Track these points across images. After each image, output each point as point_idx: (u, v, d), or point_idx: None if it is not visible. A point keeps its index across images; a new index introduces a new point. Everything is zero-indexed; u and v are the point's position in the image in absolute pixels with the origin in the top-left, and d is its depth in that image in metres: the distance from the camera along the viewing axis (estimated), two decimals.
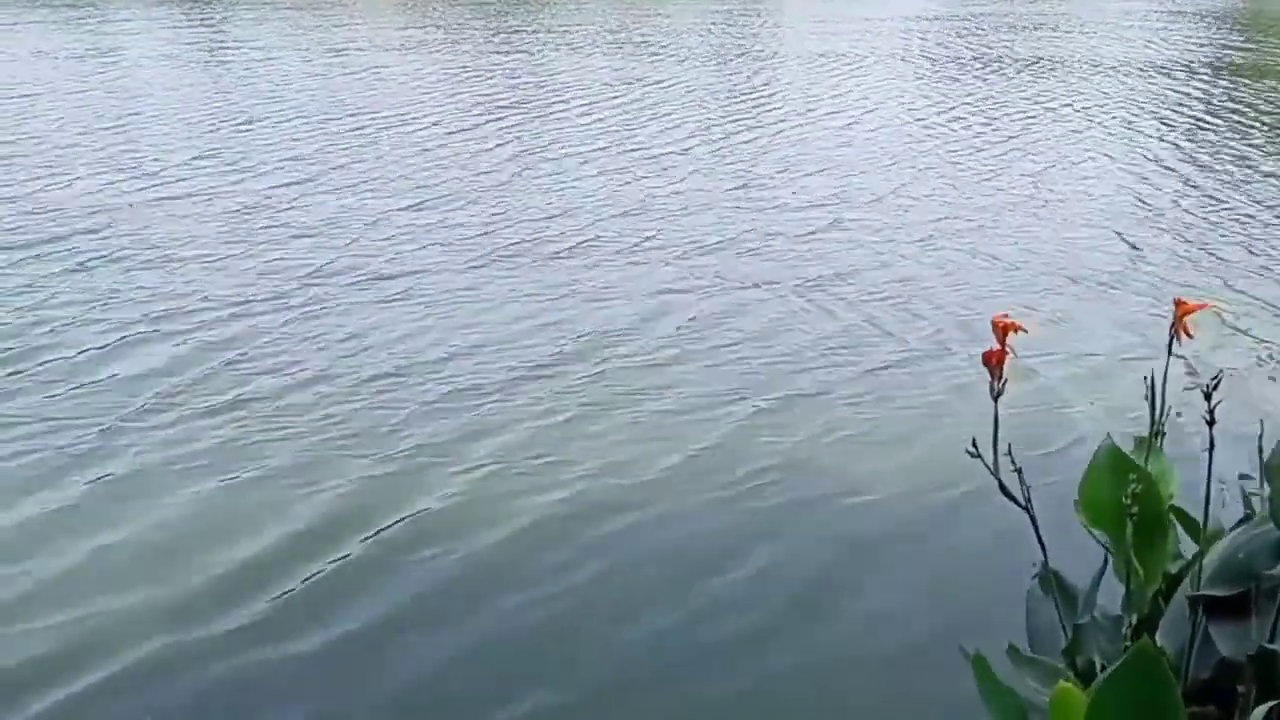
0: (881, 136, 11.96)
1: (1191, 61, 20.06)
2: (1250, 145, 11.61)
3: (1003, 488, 1.28)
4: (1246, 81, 17.16)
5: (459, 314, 5.99)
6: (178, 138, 11.48)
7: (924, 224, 7.98)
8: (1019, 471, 1.28)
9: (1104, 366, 5.20)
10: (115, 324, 5.76)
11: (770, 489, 4.00)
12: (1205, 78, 17.65)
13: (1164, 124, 13.11)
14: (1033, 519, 1.33)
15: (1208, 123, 13.19)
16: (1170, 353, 1.64)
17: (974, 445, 1.25)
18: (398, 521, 3.75)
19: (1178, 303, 1.62)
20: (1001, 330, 1.26)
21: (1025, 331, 1.28)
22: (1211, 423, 1.31)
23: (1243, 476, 1.77)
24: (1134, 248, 7.47)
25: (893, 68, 19.13)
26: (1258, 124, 13.02)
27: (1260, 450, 1.60)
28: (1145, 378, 1.73)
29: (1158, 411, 1.74)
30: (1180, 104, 14.67)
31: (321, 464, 4.16)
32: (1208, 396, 1.30)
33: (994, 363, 1.27)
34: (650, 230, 7.78)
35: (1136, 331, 5.60)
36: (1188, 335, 1.64)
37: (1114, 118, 13.47)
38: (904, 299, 6.26)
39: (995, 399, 1.27)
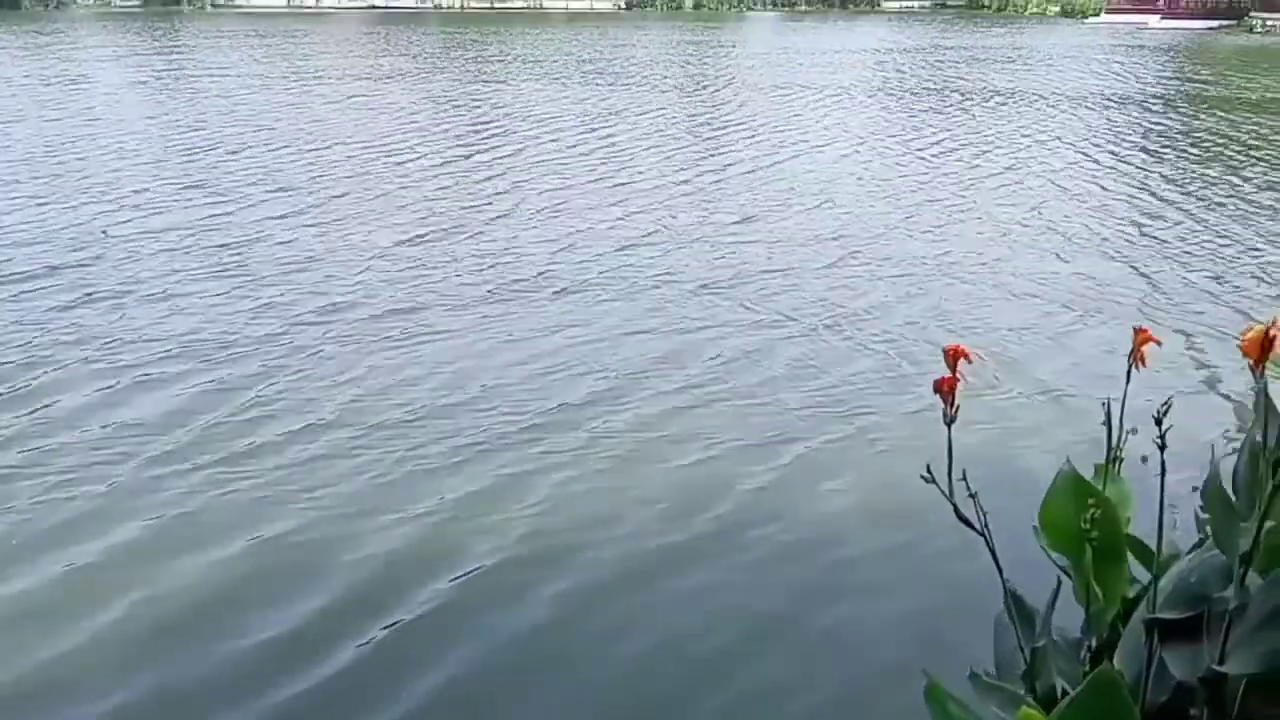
0: (875, 169, 12.00)
1: (1162, 94, 20.58)
2: (1223, 175, 11.83)
3: (958, 513, 1.30)
4: (1216, 112, 17.58)
5: (463, 356, 5.74)
6: (156, 167, 11.31)
7: (930, 258, 7.94)
8: (974, 496, 1.30)
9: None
10: (108, 368, 5.44)
11: (778, 538, 3.85)
12: (1178, 108, 18.13)
13: (1146, 154, 13.37)
14: (989, 543, 1.35)
15: (1182, 152, 13.49)
16: (1128, 379, 1.67)
17: (929, 471, 1.27)
18: (416, 587, 3.50)
19: (1137, 331, 1.65)
20: (952, 357, 1.29)
21: (980, 358, 1.30)
22: (1163, 447, 1.33)
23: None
24: (1146, 279, 7.48)
25: (873, 99, 19.40)
26: (1228, 154, 13.31)
27: (1215, 474, 1.62)
28: (1103, 404, 1.75)
29: (1115, 437, 1.76)
30: (1161, 135, 15.00)
31: (326, 522, 3.91)
32: (1158, 422, 1.32)
33: (946, 389, 1.29)
34: (651, 266, 7.62)
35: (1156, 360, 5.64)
36: (1143, 363, 1.67)
37: (1099, 148, 13.69)
38: (911, 335, 6.15)
39: (949, 425, 1.29)
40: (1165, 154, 13.42)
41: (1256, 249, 8.42)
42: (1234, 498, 1.44)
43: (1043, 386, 5.37)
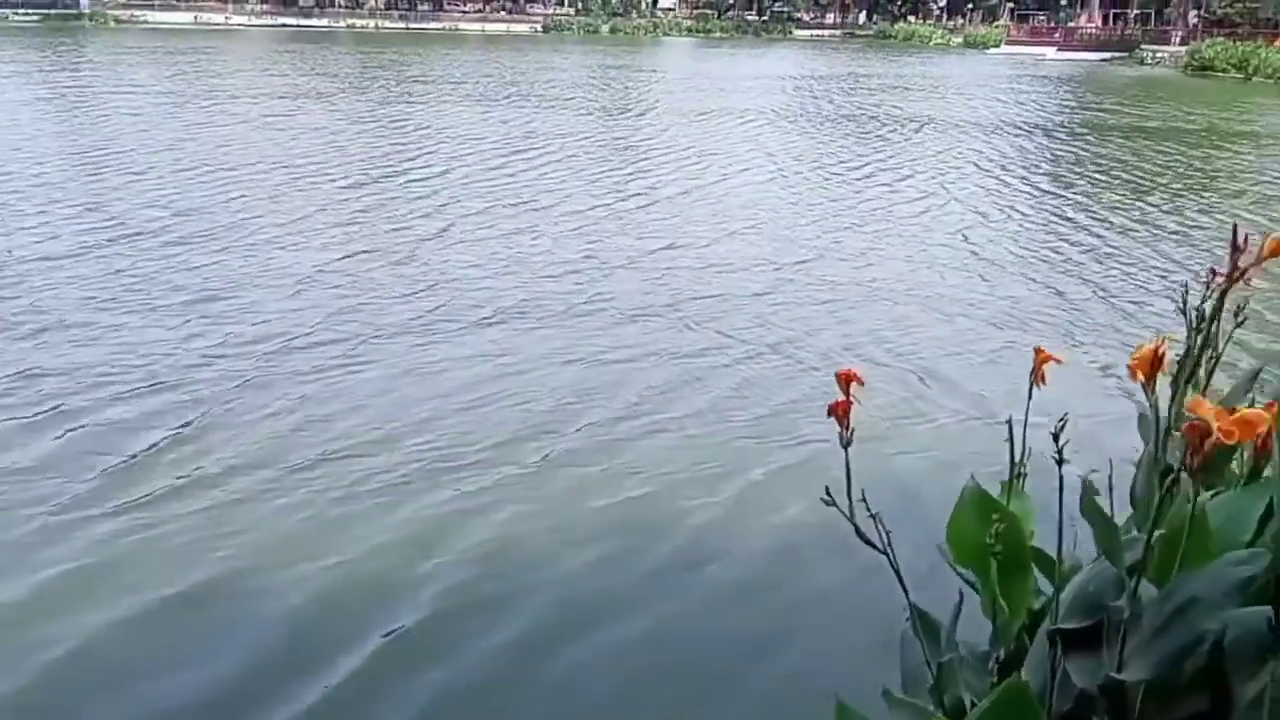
0: (802, 194, 12.15)
1: (1070, 122, 21.56)
2: (1133, 200, 12.32)
3: (859, 533, 1.32)
4: (1121, 139, 18.44)
5: (394, 387, 5.52)
6: (65, 189, 10.78)
7: (864, 282, 8.05)
8: (875, 517, 1.32)
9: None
10: (21, 403, 5.09)
11: (723, 576, 3.80)
12: (1086, 136, 18.99)
13: (1060, 180, 13.92)
14: (892, 562, 1.37)
15: (1094, 179, 14.06)
16: (1030, 398, 1.71)
17: (828, 494, 1.28)
18: (352, 638, 3.32)
19: (1037, 351, 1.70)
20: (845, 381, 1.31)
21: (862, 384, 1.32)
22: (1061, 462, 1.37)
23: None
24: (1068, 300, 7.72)
25: (795, 125, 19.75)
26: (1136, 180, 13.92)
27: (1111, 489, 1.67)
28: (1007, 422, 1.79)
29: (1018, 454, 1.80)
30: (1072, 162, 15.64)
31: (255, 570, 3.69)
32: (1055, 438, 1.36)
33: (841, 413, 1.31)
34: (586, 292, 7.52)
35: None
36: (1043, 382, 1.71)
37: (1016, 175, 14.17)
38: (850, 359, 6.16)
39: (845, 447, 1.31)
40: (1078, 180, 14.00)
41: (1166, 270, 8.81)
42: (1132, 507, 1.50)
43: (975, 406, 5.49)
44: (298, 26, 61.41)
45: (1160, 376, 1.36)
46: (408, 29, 63.78)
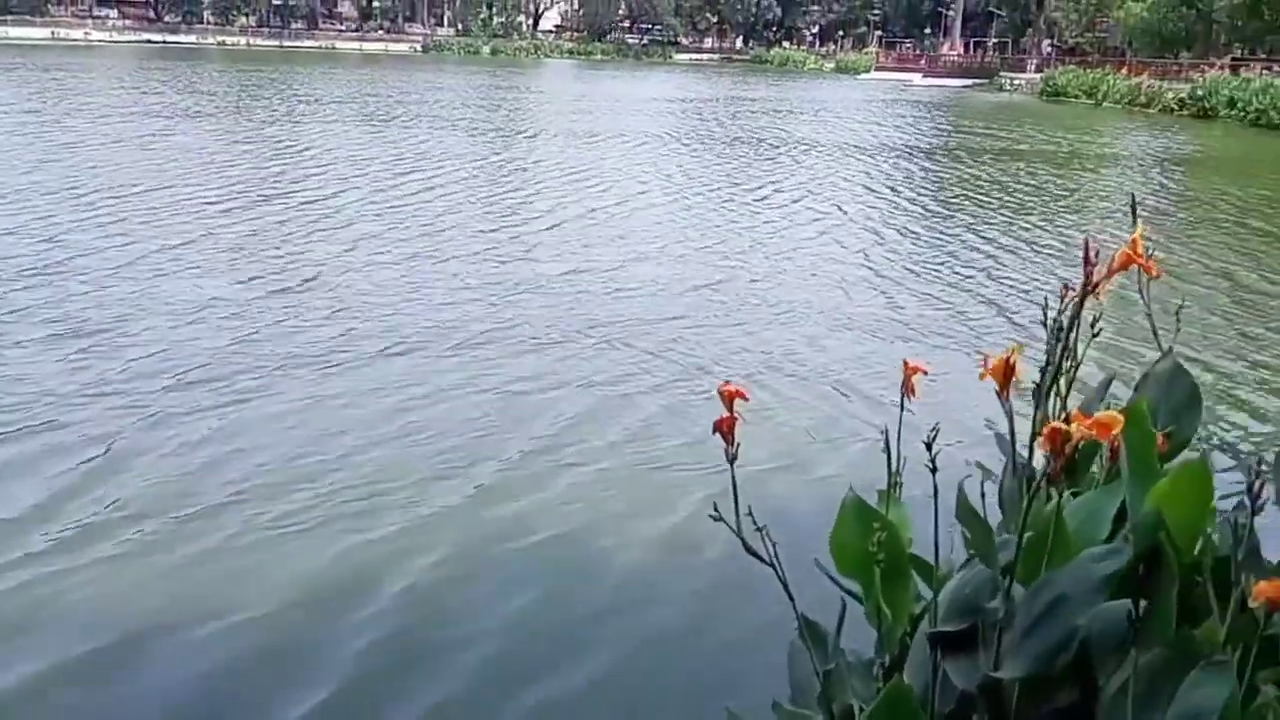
0: (702, 216, 12.21)
1: (948, 145, 22.63)
2: (1033, 221, 12.90)
3: (746, 547, 1.34)
4: (999, 162, 19.41)
5: (306, 420, 5.23)
6: None
7: (770, 303, 8.09)
8: (761, 530, 1.34)
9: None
10: None
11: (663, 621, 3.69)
12: (967, 159, 19.91)
13: (951, 201, 14.51)
14: (780, 574, 1.40)
15: (983, 199, 14.72)
16: (902, 409, 1.76)
17: (715, 509, 1.30)
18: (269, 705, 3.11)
19: (905, 363, 1.75)
20: (728, 398, 1.33)
21: (747, 399, 1.35)
22: (934, 470, 1.42)
23: None
24: (978, 314, 8.03)
25: (690, 147, 20.00)
26: (1028, 201, 14.62)
27: (983, 494, 1.73)
28: (882, 432, 1.84)
29: (893, 464, 1.85)
30: (958, 183, 16.38)
31: (166, 628, 3.42)
32: (929, 446, 1.41)
33: (725, 428, 1.33)
34: (496, 318, 7.31)
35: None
36: (913, 394, 1.77)
37: (907, 196, 14.70)
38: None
39: (731, 462, 1.33)
40: (961, 200, 14.70)
41: (1054, 283, 9.25)
42: (1001, 512, 1.57)
43: (890, 419, 5.58)
44: (163, 43, 59.15)
45: (1022, 386, 1.42)
46: (281, 47, 62.20)
